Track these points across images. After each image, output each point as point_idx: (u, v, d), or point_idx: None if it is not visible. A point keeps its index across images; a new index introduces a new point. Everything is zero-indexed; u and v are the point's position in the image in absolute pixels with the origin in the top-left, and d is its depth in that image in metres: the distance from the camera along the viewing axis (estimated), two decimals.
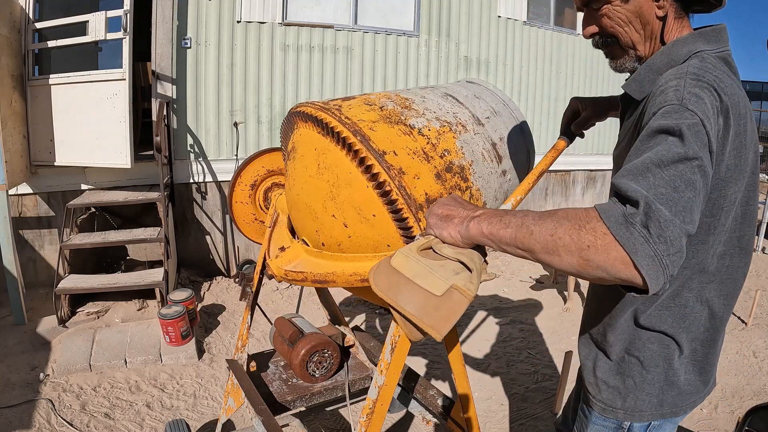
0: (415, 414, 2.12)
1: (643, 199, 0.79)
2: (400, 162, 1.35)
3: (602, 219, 0.80)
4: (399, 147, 1.39)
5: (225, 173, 4.85)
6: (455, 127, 1.56)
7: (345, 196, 1.42)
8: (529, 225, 0.87)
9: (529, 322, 4.35)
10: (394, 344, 1.34)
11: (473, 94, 1.74)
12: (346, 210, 1.43)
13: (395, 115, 1.49)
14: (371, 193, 1.35)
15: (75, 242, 3.88)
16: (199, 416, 2.84)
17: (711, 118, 0.89)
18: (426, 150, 1.43)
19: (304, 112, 1.52)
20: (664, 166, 0.83)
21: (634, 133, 1.06)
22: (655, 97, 0.98)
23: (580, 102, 1.52)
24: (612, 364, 1.21)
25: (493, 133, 1.63)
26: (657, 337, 1.13)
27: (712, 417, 3.06)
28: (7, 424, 2.66)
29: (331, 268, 1.52)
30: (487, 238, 0.94)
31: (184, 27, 4.50)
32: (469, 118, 1.62)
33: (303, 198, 1.59)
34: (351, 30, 5.18)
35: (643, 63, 1.13)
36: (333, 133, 1.41)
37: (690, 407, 1.18)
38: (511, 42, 6.15)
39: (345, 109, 1.47)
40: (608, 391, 1.21)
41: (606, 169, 7.13)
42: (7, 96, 3.74)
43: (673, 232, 0.79)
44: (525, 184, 1.43)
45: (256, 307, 2.12)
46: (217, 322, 4.02)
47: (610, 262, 0.79)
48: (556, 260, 0.84)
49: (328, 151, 1.45)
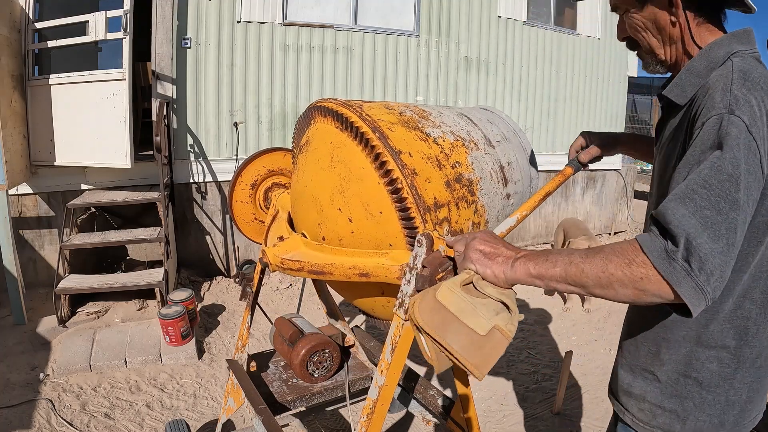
0: (415, 414, 2.12)
1: (683, 236, 0.85)
2: (414, 163, 1.38)
3: (645, 254, 0.87)
4: (414, 150, 1.42)
5: (225, 173, 4.85)
6: (468, 143, 1.59)
7: (354, 191, 1.43)
8: (578, 263, 0.93)
9: (529, 322, 4.35)
10: (395, 344, 1.34)
11: (486, 119, 1.80)
12: (354, 205, 1.44)
13: (413, 122, 1.52)
14: (381, 190, 1.37)
15: (75, 242, 3.88)
16: (199, 416, 2.84)
17: (758, 120, 0.92)
18: (439, 158, 1.46)
19: (326, 106, 1.55)
20: (709, 188, 0.88)
21: (681, 140, 1.07)
22: (702, 99, 1.00)
23: (588, 135, 1.62)
24: (663, 386, 1.16)
25: (502, 156, 1.68)
26: (716, 356, 1.09)
27: None
28: (7, 424, 2.66)
29: (330, 260, 1.53)
30: (534, 277, 0.99)
31: (184, 27, 4.50)
32: (481, 138, 1.66)
33: (310, 190, 1.60)
34: (351, 30, 5.18)
35: (664, 66, 1.18)
36: (352, 128, 1.44)
37: (751, 424, 1.15)
38: (511, 42, 6.15)
39: (366, 108, 1.51)
40: (664, 416, 1.15)
41: (606, 169, 7.13)
42: (7, 96, 3.74)
43: (713, 263, 0.84)
44: (531, 202, 1.49)
45: (256, 307, 2.12)
46: (217, 322, 4.02)
47: (664, 291, 0.87)
48: (611, 293, 0.91)
49: (343, 145, 1.48)
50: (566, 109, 6.66)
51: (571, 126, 6.70)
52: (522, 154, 1.77)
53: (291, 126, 5.01)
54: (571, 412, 3.04)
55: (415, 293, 1.35)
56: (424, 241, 1.31)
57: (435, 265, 1.35)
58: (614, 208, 7.44)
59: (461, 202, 1.45)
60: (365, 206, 1.42)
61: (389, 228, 1.39)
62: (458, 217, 1.45)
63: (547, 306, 4.75)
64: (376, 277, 1.44)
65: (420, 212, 1.34)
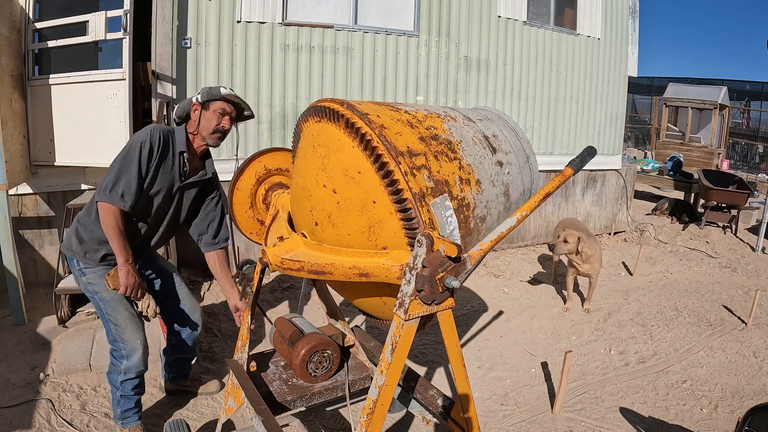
0: (415, 414, 2.12)
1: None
2: (382, 121, 1.50)
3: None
4: (383, 114, 1.55)
5: (225, 173, 4.81)
6: (444, 117, 1.68)
7: (334, 163, 1.54)
8: None
9: (529, 322, 4.35)
10: (395, 344, 1.34)
11: (472, 111, 1.89)
12: (335, 175, 1.54)
13: (384, 103, 1.65)
14: (357, 152, 1.48)
15: None
16: (199, 416, 2.84)
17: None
18: (410, 121, 1.58)
19: (311, 106, 1.68)
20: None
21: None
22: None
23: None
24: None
25: (485, 130, 1.73)
26: None
27: (712, 417, 3.06)
28: (7, 424, 2.66)
29: (330, 260, 1.54)
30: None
31: (184, 27, 4.50)
32: (459, 115, 1.74)
33: (300, 182, 1.70)
34: (351, 30, 5.18)
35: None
36: (327, 111, 1.57)
37: None
38: (511, 42, 6.15)
39: (349, 101, 1.61)
40: None
41: (606, 169, 7.13)
42: (7, 96, 3.74)
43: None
44: (531, 203, 1.53)
45: (256, 307, 2.12)
46: (217, 322, 4.02)
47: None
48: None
49: (323, 132, 1.60)
50: (566, 109, 6.66)
51: (571, 126, 6.70)
52: (510, 133, 1.82)
53: (291, 126, 5.01)
54: (571, 412, 3.04)
55: (415, 293, 1.36)
56: (425, 241, 1.31)
57: (435, 265, 1.35)
58: (614, 208, 7.45)
59: (440, 155, 1.53)
60: (345, 172, 1.52)
61: (369, 185, 1.46)
62: (440, 168, 1.50)
63: (547, 306, 4.75)
64: (376, 277, 1.45)
65: (392, 156, 1.42)
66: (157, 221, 2.42)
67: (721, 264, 6.38)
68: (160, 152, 2.25)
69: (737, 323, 4.50)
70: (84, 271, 2.35)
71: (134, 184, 2.18)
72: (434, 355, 3.63)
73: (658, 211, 8.66)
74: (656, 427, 2.95)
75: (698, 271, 6.09)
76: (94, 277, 2.34)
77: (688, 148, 13.05)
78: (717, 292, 5.34)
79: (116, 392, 2.46)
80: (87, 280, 2.35)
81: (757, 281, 5.80)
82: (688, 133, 13.39)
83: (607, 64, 6.96)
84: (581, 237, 4.38)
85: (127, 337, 2.37)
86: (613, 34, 6.96)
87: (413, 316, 1.37)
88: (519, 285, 5.28)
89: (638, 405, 3.14)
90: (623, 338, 4.09)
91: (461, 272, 1.38)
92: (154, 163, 2.24)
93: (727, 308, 4.86)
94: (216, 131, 2.38)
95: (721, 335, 4.22)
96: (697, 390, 3.35)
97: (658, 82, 21.11)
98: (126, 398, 2.47)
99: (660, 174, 9.96)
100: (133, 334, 2.38)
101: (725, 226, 8.08)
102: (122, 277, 2.19)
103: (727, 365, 3.71)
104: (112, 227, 2.16)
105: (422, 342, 3.77)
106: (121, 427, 2.52)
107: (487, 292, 4.98)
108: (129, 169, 2.17)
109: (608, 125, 7.09)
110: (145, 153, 2.19)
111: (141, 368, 2.43)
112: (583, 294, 4.89)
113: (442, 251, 1.33)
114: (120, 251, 2.18)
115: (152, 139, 2.22)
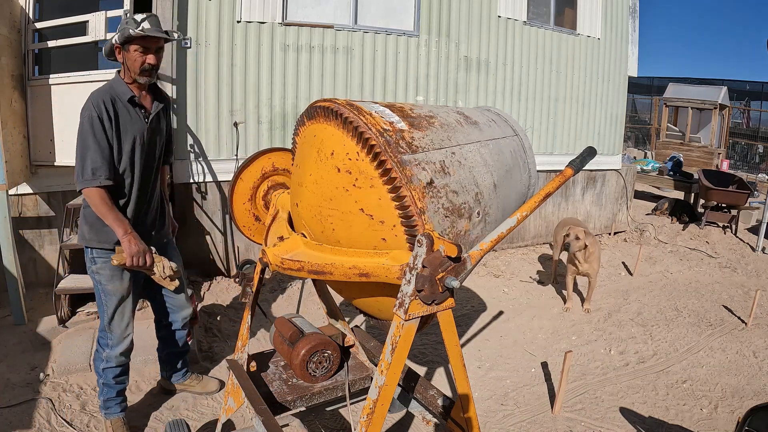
0: (415, 414, 2.12)
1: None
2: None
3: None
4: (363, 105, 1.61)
5: (225, 173, 4.84)
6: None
7: (327, 152, 1.58)
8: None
9: (529, 322, 4.35)
10: (395, 344, 1.34)
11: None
12: (326, 165, 1.58)
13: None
14: (344, 136, 1.53)
15: (75, 242, 3.87)
16: (199, 416, 2.84)
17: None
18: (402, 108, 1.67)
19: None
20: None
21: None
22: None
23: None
24: None
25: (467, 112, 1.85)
26: None
27: (712, 417, 3.06)
28: (7, 424, 2.66)
29: (330, 259, 1.55)
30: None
31: (184, 27, 4.50)
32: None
33: (296, 179, 1.74)
34: (351, 30, 5.18)
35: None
36: (323, 108, 1.60)
37: None
38: (510, 42, 6.15)
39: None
40: None
41: (606, 169, 7.13)
42: (7, 96, 3.74)
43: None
44: (531, 203, 1.54)
45: (257, 307, 2.12)
46: (217, 322, 4.02)
47: None
48: None
49: (319, 130, 1.63)
50: (566, 109, 6.66)
51: (571, 126, 6.70)
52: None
53: (291, 126, 5.01)
54: (571, 412, 3.04)
55: (415, 293, 1.36)
56: (425, 241, 1.31)
57: (435, 265, 1.35)
58: (614, 208, 7.44)
59: (405, 109, 1.65)
60: (334, 155, 1.57)
61: (363, 165, 1.49)
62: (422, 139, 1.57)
63: (547, 306, 4.75)
64: (376, 277, 1.45)
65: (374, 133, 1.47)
66: (146, 169, 2.42)
67: (721, 264, 6.38)
68: (113, 113, 2.24)
69: (737, 323, 4.50)
70: (96, 260, 2.38)
71: (99, 156, 2.18)
72: (434, 355, 3.63)
73: (658, 211, 8.66)
74: (656, 427, 2.95)
75: (698, 271, 6.09)
76: (103, 266, 2.37)
77: (688, 148, 13.05)
78: (717, 292, 5.34)
79: (99, 380, 2.54)
80: (96, 269, 2.38)
81: (757, 281, 5.80)
82: (688, 133, 13.39)
83: (607, 64, 6.96)
84: (586, 230, 4.43)
85: (114, 329, 2.45)
86: (613, 34, 6.96)
87: (413, 316, 1.37)
88: (519, 285, 5.28)
89: (638, 405, 3.14)
90: (623, 338, 4.09)
91: (461, 272, 1.38)
92: (113, 125, 2.23)
93: (727, 308, 4.86)
94: (143, 71, 2.31)
95: (721, 335, 4.22)
96: (697, 390, 3.35)
97: (658, 82, 21.12)
98: (107, 387, 2.52)
99: (660, 174, 9.96)
100: (121, 328, 2.46)
101: (725, 226, 8.08)
102: (125, 248, 2.22)
103: (727, 365, 3.71)
104: (100, 206, 2.19)
105: (422, 342, 3.77)
106: (104, 417, 2.57)
107: (487, 292, 4.98)
108: (87, 145, 2.17)
109: (608, 125, 7.09)
110: (97, 124, 2.19)
111: (122, 359, 2.50)
112: (583, 294, 4.89)
113: (442, 251, 1.33)
114: (116, 224, 2.20)
115: (98, 108, 2.20)
